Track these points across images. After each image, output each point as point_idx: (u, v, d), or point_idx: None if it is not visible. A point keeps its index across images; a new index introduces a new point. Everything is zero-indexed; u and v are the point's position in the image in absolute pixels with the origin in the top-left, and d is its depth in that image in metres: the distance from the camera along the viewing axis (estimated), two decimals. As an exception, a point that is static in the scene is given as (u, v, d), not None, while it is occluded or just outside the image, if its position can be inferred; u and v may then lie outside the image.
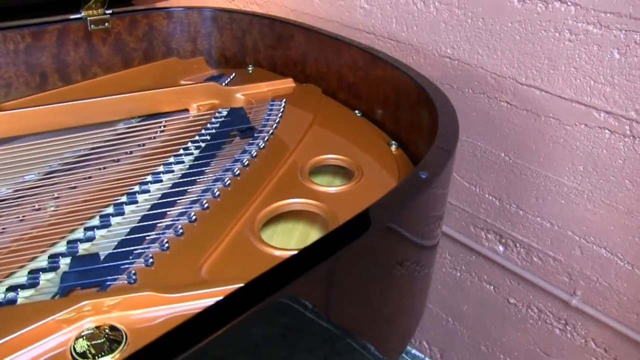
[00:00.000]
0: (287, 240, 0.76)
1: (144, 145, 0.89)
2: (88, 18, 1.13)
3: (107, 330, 0.55)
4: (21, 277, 0.63)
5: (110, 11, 1.16)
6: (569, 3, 0.94)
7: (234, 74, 1.14)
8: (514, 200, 1.16)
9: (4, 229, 0.71)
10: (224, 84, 1.09)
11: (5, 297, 0.60)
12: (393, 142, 0.92)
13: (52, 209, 0.74)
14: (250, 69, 1.19)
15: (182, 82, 1.13)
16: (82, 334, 0.55)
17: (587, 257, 1.07)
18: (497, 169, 1.16)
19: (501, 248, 1.22)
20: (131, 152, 0.87)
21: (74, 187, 0.79)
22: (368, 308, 0.66)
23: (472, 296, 1.33)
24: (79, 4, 1.14)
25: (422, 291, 0.84)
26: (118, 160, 0.85)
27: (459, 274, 1.34)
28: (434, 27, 1.15)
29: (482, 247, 1.25)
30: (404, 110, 0.94)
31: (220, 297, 0.58)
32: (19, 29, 1.07)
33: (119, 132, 0.93)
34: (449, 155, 0.70)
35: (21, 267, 0.65)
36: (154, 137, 0.91)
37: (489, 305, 1.31)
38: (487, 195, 1.20)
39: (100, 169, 0.83)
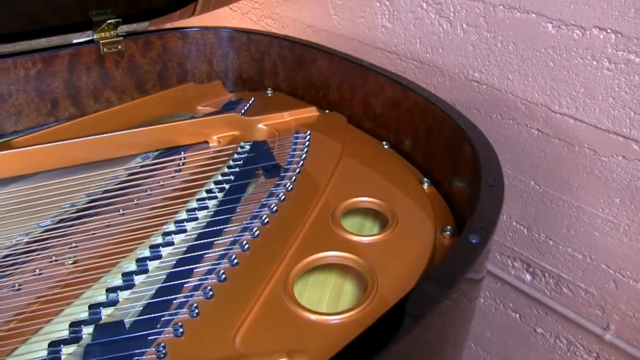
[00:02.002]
0: (320, 294, 0.72)
1: (163, 184, 0.85)
2: (101, 41, 1.09)
3: (137, 415, 0.51)
4: (42, 349, 0.59)
5: (123, 33, 1.11)
6: (608, 30, 0.89)
7: (252, 99, 1.10)
8: (543, 229, 1.12)
9: (20, 286, 0.67)
10: (243, 109, 1.05)
11: (26, 374, 0.56)
12: (425, 179, 0.87)
13: (71, 262, 0.70)
14: (269, 92, 1.15)
15: (200, 107, 1.09)
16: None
17: (623, 292, 1.03)
18: (526, 197, 1.11)
19: (528, 277, 1.18)
20: (150, 192, 0.83)
21: (92, 236, 0.74)
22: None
23: (497, 323, 1.29)
24: (91, 26, 1.09)
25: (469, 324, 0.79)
26: (136, 202, 0.81)
27: (483, 300, 1.30)
28: (461, 49, 1.10)
29: (509, 275, 1.21)
30: (436, 145, 0.89)
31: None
32: (30, 55, 1.03)
33: (135, 169, 0.89)
34: (498, 210, 0.65)
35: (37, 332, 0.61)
36: (174, 175, 0.87)
37: (514, 333, 1.27)
38: (514, 223, 1.16)
39: (118, 212, 0.79)
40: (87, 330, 0.60)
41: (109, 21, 1.09)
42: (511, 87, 1.05)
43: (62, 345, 0.59)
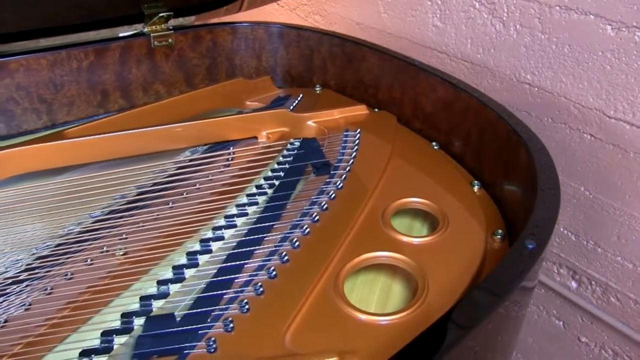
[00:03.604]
0: (369, 294, 0.71)
1: (211, 178, 0.85)
2: (151, 34, 1.10)
3: (188, 409, 0.51)
4: (93, 338, 0.59)
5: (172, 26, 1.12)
6: (671, 34, 0.87)
7: (301, 95, 1.10)
8: (592, 236, 1.09)
9: (72, 275, 0.67)
10: (291, 106, 1.04)
11: (79, 363, 0.56)
12: (476, 182, 0.86)
13: (121, 253, 0.71)
14: (317, 89, 1.14)
15: (248, 102, 1.09)
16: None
17: (674, 305, 1.00)
18: (575, 203, 1.09)
19: (574, 284, 1.15)
20: (198, 187, 0.83)
21: (142, 228, 0.75)
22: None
23: (539, 330, 1.27)
24: (142, 19, 1.10)
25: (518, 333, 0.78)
26: (185, 196, 0.81)
27: (525, 307, 1.28)
28: (514, 51, 1.08)
29: (554, 281, 1.19)
30: (488, 148, 0.88)
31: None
32: (83, 47, 1.04)
33: (184, 162, 0.89)
34: (554, 217, 0.64)
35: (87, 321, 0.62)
36: (223, 170, 0.87)
37: (557, 341, 1.24)
38: (562, 229, 1.13)
39: (167, 205, 0.79)
40: (139, 322, 0.61)
41: (160, 14, 1.09)
42: (564, 91, 1.02)
43: (114, 335, 0.59)
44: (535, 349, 1.30)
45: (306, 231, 0.71)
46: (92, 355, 0.57)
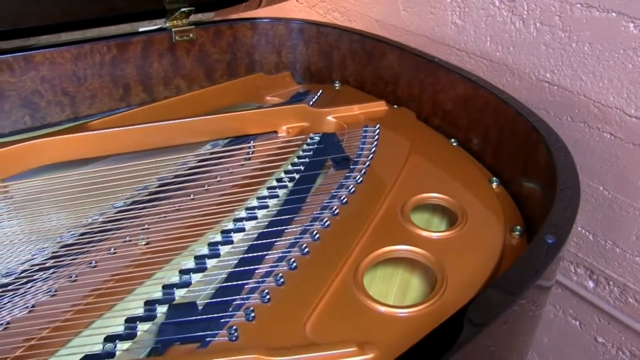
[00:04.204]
0: (387, 288, 0.72)
1: (232, 171, 0.86)
2: (173, 29, 1.11)
3: (210, 395, 0.52)
4: (117, 324, 0.60)
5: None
6: (694, 33, 0.86)
7: (321, 91, 1.10)
8: (610, 236, 1.09)
9: (96, 263, 0.69)
10: (311, 101, 1.05)
11: (104, 348, 0.57)
12: (494, 178, 0.86)
13: (144, 242, 0.72)
14: (337, 85, 1.15)
15: (268, 97, 1.10)
16: (185, 397, 0.52)
17: (693, 306, 1.00)
18: (594, 202, 1.09)
19: (591, 284, 1.15)
20: (219, 179, 0.84)
21: (164, 218, 0.76)
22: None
23: (555, 329, 1.27)
24: (164, 14, 1.11)
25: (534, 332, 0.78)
26: (206, 188, 0.82)
27: (541, 306, 1.27)
28: (533, 49, 1.08)
29: (570, 281, 1.19)
30: (507, 145, 0.88)
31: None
32: (106, 40, 1.06)
33: (205, 155, 0.90)
34: (573, 216, 0.64)
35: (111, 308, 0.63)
36: (243, 163, 0.88)
37: (573, 341, 1.24)
38: (579, 228, 1.13)
39: (189, 197, 0.80)
40: (161, 310, 0.62)
41: (182, 9, 1.10)
42: (584, 89, 1.02)
43: (137, 322, 0.60)
44: (550, 349, 1.30)
45: (326, 224, 0.72)
46: (117, 341, 0.58)
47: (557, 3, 1.00)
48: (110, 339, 0.58)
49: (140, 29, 1.11)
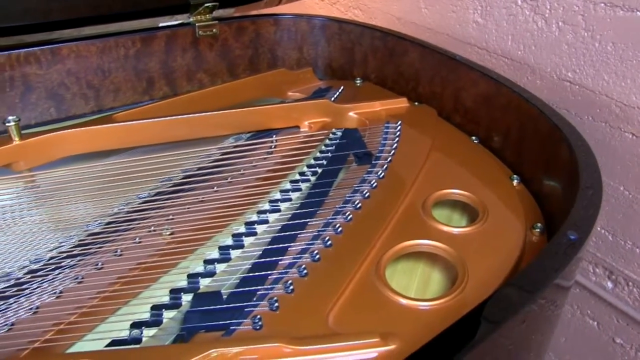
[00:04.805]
0: (408, 282, 0.72)
1: (255, 164, 0.87)
2: (196, 24, 1.12)
3: (234, 381, 0.53)
4: (143, 312, 0.61)
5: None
6: None
7: (342, 88, 1.11)
8: (629, 237, 1.08)
9: (122, 252, 0.70)
10: (332, 97, 1.06)
11: (130, 334, 0.58)
12: (515, 176, 0.87)
13: (168, 233, 0.73)
14: (358, 82, 1.15)
15: (290, 93, 1.11)
16: (209, 382, 0.53)
17: None
18: (614, 202, 1.08)
19: (610, 284, 1.15)
20: (242, 172, 0.85)
21: (188, 210, 0.77)
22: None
23: (572, 329, 1.27)
24: (187, 10, 1.13)
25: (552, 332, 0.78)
26: (230, 181, 0.83)
27: (558, 306, 1.27)
28: (555, 48, 1.08)
29: (589, 280, 1.18)
30: (528, 143, 0.88)
31: (351, 353, 0.55)
32: (130, 35, 1.07)
33: (229, 148, 0.91)
34: (594, 216, 0.64)
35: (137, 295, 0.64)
36: (266, 157, 0.89)
37: (590, 341, 1.24)
38: (598, 228, 1.13)
39: (212, 189, 0.81)
40: (186, 298, 0.63)
41: (205, 4, 1.12)
42: (606, 89, 1.02)
43: (163, 310, 0.61)
44: (567, 348, 1.30)
45: (348, 218, 0.73)
46: (143, 327, 0.59)
47: (581, 2, 1.00)
48: (136, 325, 0.59)
49: (161, 24, 1.12)
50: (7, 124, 0.83)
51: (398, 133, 0.92)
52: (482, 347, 0.48)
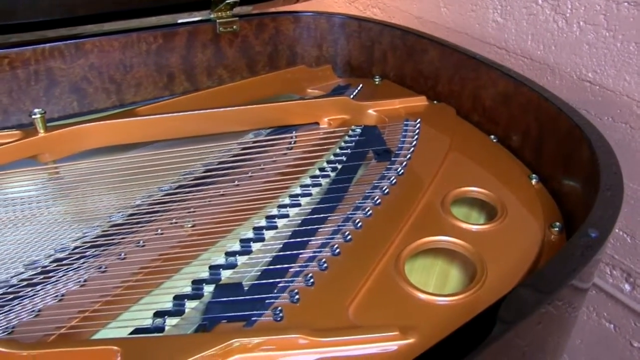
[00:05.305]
0: (426, 278, 0.73)
1: (275, 159, 0.88)
2: (217, 20, 1.13)
3: (256, 371, 0.54)
4: (165, 301, 0.62)
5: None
6: None
7: (361, 85, 1.12)
8: (648, 239, 1.08)
9: (144, 243, 0.71)
10: (351, 95, 1.06)
11: (153, 322, 0.59)
12: (534, 175, 0.87)
13: (190, 225, 0.74)
14: (377, 80, 1.16)
15: (309, 90, 1.11)
16: (231, 372, 0.54)
17: None
18: (633, 204, 1.08)
19: (628, 287, 1.15)
20: (263, 167, 0.86)
21: (209, 203, 0.78)
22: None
23: (588, 332, 1.26)
24: (208, 6, 1.14)
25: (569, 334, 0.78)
26: (250, 175, 0.84)
27: (574, 307, 1.27)
28: (576, 48, 1.08)
29: (606, 283, 1.18)
30: (548, 143, 0.88)
31: (371, 345, 0.56)
32: (152, 30, 1.08)
33: (248, 144, 0.92)
34: (615, 217, 0.64)
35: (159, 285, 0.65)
36: (286, 152, 0.90)
37: (607, 344, 1.23)
38: (616, 230, 1.13)
39: (233, 183, 0.82)
40: (208, 289, 0.64)
41: (226, 1, 1.13)
42: (627, 89, 1.02)
43: (185, 300, 0.62)
44: (583, 351, 1.29)
45: (368, 213, 0.73)
46: (165, 317, 0.60)
47: (603, 2, 1.00)
48: (159, 314, 0.60)
49: (179, 20, 1.13)
50: (33, 116, 0.85)
51: (417, 131, 0.93)
52: (496, 347, 0.49)
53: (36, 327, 0.59)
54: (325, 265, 0.65)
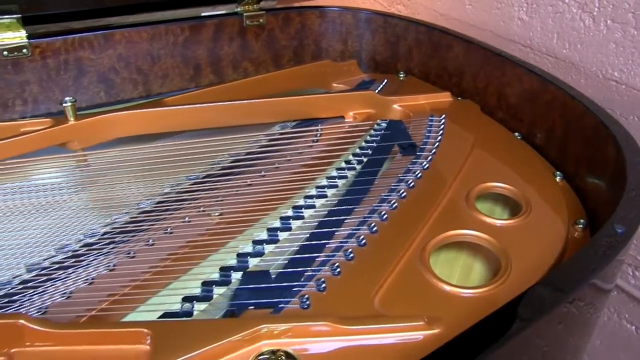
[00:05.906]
0: (450, 271, 0.74)
1: (301, 152, 0.89)
2: (244, 14, 1.14)
3: (283, 357, 0.54)
4: (193, 287, 0.64)
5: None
6: None
7: (385, 81, 1.12)
8: (671, 239, 1.08)
9: (172, 230, 0.72)
10: (376, 90, 1.07)
11: (182, 307, 0.61)
12: (558, 172, 0.87)
13: (218, 214, 0.75)
14: (401, 76, 1.16)
15: (334, 84, 1.12)
16: (259, 358, 0.54)
17: None
18: (656, 204, 1.07)
19: (649, 288, 1.14)
20: (289, 159, 0.87)
21: (236, 192, 0.79)
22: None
23: (608, 333, 1.26)
24: (230, 0, 1.15)
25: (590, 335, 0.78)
26: (277, 166, 0.85)
27: (594, 307, 1.26)
28: (602, 47, 1.07)
29: (627, 283, 1.18)
30: (573, 140, 0.88)
31: (398, 334, 0.57)
32: (179, 22, 1.09)
33: (275, 135, 0.93)
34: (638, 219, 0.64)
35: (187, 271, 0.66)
36: (311, 145, 0.91)
37: (627, 346, 1.23)
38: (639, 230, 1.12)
39: (260, 174, 0.83)
40: (236, 276, 0.65)
41: (253, -6, 1.14)
42: (655, 89, 1.02)
43: (213, 286, 0.63)
44: (602, 352, 1.29)
45: (394, 205, 0.74)
46: (194, 302, 0.61)
47: (632, 0, 1.00)
48: (188, 299, 0.61)
49: (205, 14, 1.14)
50: (64, 105, 0.86)
51: (442, 126, 0.93)
52: (512, 345, 0.49)
53: (68, 308, 0.60)
54: (352, 255, 0.66)
